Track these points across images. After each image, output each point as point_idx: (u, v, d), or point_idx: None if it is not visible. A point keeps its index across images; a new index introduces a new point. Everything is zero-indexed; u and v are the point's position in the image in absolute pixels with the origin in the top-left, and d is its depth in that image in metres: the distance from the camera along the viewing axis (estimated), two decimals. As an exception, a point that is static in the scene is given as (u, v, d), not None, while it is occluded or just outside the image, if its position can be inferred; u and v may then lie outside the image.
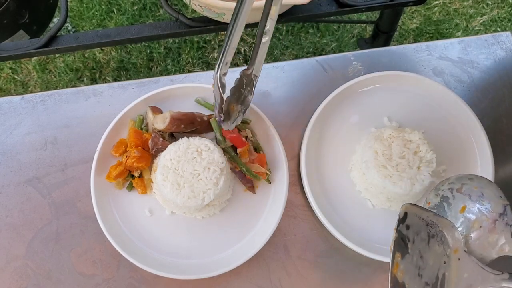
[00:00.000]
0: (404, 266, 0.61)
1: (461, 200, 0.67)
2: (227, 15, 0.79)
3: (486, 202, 0.66)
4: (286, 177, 0.79)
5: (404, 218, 0.62)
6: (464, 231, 0.66)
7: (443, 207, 0.68)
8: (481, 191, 0.66)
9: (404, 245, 0.62)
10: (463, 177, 0.68)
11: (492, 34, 0.93)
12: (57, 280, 0.78)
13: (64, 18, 0.86)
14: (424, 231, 0.63)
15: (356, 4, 0.90)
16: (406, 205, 0.62)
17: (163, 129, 0.78)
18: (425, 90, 0.86)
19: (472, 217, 0.66)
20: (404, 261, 0.61)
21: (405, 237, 0.62)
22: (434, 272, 0.62)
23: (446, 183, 0.69)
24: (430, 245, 0.63)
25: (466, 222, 0.66)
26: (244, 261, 0.76)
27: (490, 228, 0.65)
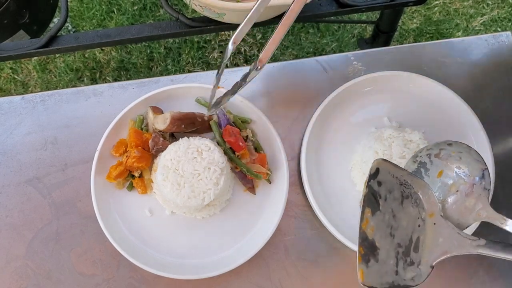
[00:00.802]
0: (374, 223, 0.58)
1: (439, 165, 0.65)
2: (227, 15, 0.79)
3: (464, 166, 0.64)
4: (286, 177, 0.79)
5: (376, 173, 0.59)
6: (441, 196, 0.64)
7: (420, 172, 0.67)
8: (459, 155, 0.64)
9: (375, 201, 0.59)
10: (441, 143, 0.67)
11: (492, 34, 0.93)
12: (57, 280, 0.78)
13: (64, 18, 0.86)
14: (398, 190, 0.61)
15: (356, 4, 0.90)
16: (378, 161, 0.59)
17: (164, 130, 0.78)
18: (425, 90, 0.86)
19: (449, 181, 0.64)
20: (375, 218, 0.59)
21: (376, 193, 0.59)
22: (407, 234, 0.60)
23: (425, 149, 0.68)
24: (404, 205, 0.61)
25: (443, 186, 0.64)
26: (244, 261, 0.76)
27: (468, 192, 0.63)
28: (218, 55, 1.76)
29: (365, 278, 0.56)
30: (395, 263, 0.59)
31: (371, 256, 0.57)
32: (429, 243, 0.60)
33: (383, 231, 0.59)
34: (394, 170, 0.60)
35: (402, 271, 0.59)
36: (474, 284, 0.81)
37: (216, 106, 0.73)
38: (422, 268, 0.59)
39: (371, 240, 0.58)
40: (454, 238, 0.59)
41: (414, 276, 0.59)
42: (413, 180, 0.61)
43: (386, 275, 0.58)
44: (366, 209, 0.58)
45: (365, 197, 0.58)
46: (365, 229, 0.58)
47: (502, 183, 0.84)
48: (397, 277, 0.58)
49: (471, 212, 0.62)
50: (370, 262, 0.57)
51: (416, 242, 0.60)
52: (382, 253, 0.58)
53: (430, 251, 0.60)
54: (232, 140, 0.77)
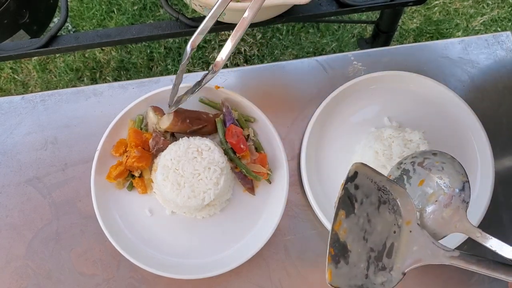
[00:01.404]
0: (347, 225, 0.58)
1: (421, 174, 0.66)
2: (227, 15, 0.79)
3: (446, 177, 0.64)
4: (286, 177, 0.79)
5: (353, 177, 0.59)
6: (420, 205, 0.65)
7: (403, 179, 0.67)
8: (442, 166, 0.64)
9: (350, 204, 0.59)
10: (427, 152, 0.67)
11: (492, 34, 0.93)
12: (57, 280, 0.78)
13: (64, 18, 0.86)
14: (375, 195, 0.61)
15: (356, 4, 0.90)
16: (357, 164, 0.59)
17: (169, 126, 0.77)
18: (425, 90, 0.86)
19: (430, 190, 0.64)
20: (348, 220, 0.58)
21: (352, 196, 0.59)
22: (381, 240, 0.60)
23: (410, 157, 0.68)
24: (380, 210, 0.61)
25: (423, 195, 0.65)
26: (244, 261, 0.76)
27: (446, 203, 0.63)
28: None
29: (333, 279, 0.56)
30: (365, 267, 0.59)
31: (342, 258, 0.57)
32: (403, 250, 0.60)
33: (356, 235, 0.59)
34: (373, 175, 0.60)
35: (373, 275, 0.59)
36: (473, 284, 0.81)
37: (176, 105, 0.74)
38: (394, 274, 0.60)
39: (342, 242, 0.58)
40: (428, 247, 0.59)
41: (384, 281, 0.59)
42: (392, 186, 0.61)
43: (355, 278, 0.58)
44: (340, 211, 0.58)
45: (340, 199, 0.58)
46: (337, 231, 0.58)
47: (502, 183, 0.84)
48: (366, 280, 0.58)
49: (448, 223, 0.62)
50: (340, 263, 0.57)
51: (390, 248, 0.60)
52: (353, 256, 0.58)
53: (404, 258, 0.60)
54: (234, 141, 0.77)
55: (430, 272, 0.81)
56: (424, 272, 0.81)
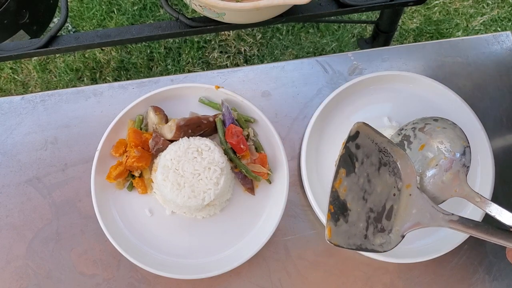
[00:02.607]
0: (348, 184, 0.58)
1: (422, 139, 0.66)
2: (227, 15, 0.79)
3: (447, 141, 0.64)
4: (286, 177, 0.79)
5: (355, 136, 0.59)
6: (420, 169, 0.64)
7: (403, 145, 0.67)
8: (443, 131, 0.65)
9: (351, 163, 0.59)
10: (428, 118, 0.67)
11: (492, 34, 0.93)
12: (58, 280, 0.78)
13: (64, 18, 0.86)
14: (376, 157, 0.60)
15: (356, 4, 0.90)
16: (359, 124, 0.59)
17: (172, 138, 0.78)
18: (425, 90, 0.86)
19: (430, 155, 0.64)
20: (349, 179, 0.58)
21: (353, 155, 0.59)
22: (381, 201, 0.60)
23: (410, 123, 0.68)
24: (381, 172, 0.61)
25: (423, 159, 0.65)
26: (244, 261, 0.76)
27: (447, 167, 0.63)
28: (218, 55, 1.76)
29: (333, 236, 0.56)
30: (365, 227, 0.59)
31: (341, 216, 0.57)
32: (402, 213, 0.60)
33: (355, 194, 0.59)
34: (374, 135, 0.60)
35: (372, 236, 0.59)
36: (474, 284, 0.81)
37: None
38: (392, 236, 0.60)
39: (342, 200, 0.58)
40: (427, 210, 0.59)
41: (383, 243, 0.59)
42: (392, 148, 0.61)
43: (354, 237, 0.58)
44: (341, 169, 0.58)
45: (341, 158, 0.58)
46: (337, 188, 0.58)
47: (502, 183, 0.84)
48: (365, 240, 0.58)
49: (448, 187, 0.62)
50: (339, 221, 0.57)
51: (389, 210, 0.60)
52: (353, 215, 0.58)
53: (403, 221, 0.60)
54: (234, 142, 0.77)
55: (430, 272, 0.81)
56: (424, 271, 0.81)
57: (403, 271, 0.81)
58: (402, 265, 0.81)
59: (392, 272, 0.81)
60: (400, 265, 0.81)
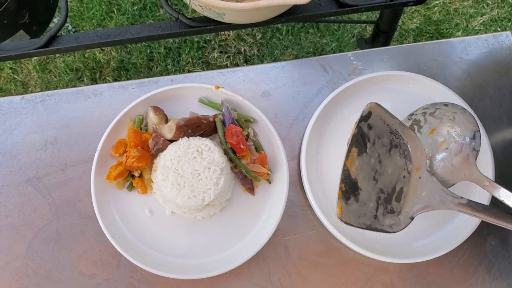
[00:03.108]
0: (359, 163, 0.59)
1: (432, 123, 0.66)
2: (227, 15, 0.79)
3: (457, 126, 0.64)
4: (286, 177, 0.79)
5: (367, 116, 0.59)
6: (430, 153, 0.65)
7: (414, 129, 0.67)
8: (454, 115, 0.65)
9: (363, 143, 0.59)
10: (438, 103, 0.67)
11: (492, 34, 0.93)
12: (58, 280, 0.78)
13: (64, 18, 0.86)
14: (387, 138, 0.61)
15: (356, 4, 0.90)
16: (371, 104, 0.59)
17: (172, 138, 0.78)
18: (425, 90, 0.86)
19: (440, 139, 0.65)
20: (360, 158, 0.59)
21: (365, 135, 0.59)
22: (391, 182, 0.60)
23: (421, 108, 0.68)
24: (392, 154, 0.61)
25: (434, 143, 0.65)
26: (244, 261, 0.76)
27: (456, 151, 0.63)
28: (218, 55, 1.76)
29: (343, 214, 0.56)
30: (375, 207, 0.59)
31: (352, 195, 0.58)
32: (412, 195, 0.60)
33: (366, 173, 0.59)
34: (386, 116, 0.60)
35: (381, 216, 0.59)
36: (474, 283, 0.81)
37: None
38: (402, 218, 0.60)
39: (353, 179, 0.58)
40: (437, 193, 0.59)
41: (392, 224, 0.59)
42: (404, 130, 0.61)
43: (364, 217, 0.58)
44: (353, 148, 0.58)
45: (354, 137, 0.58)
46: (349, 167, 0.58)
47: (502, 183, 0.83)
48: (375, 221, 0.59)
49: (457, 171, 0.62)
50: (350, 200, 0.57)
51: (399, 192, 0.61)
52: (363, 195, 0.58)
53: (412, 203, 0.60)
54: (233, 142, 0.77)
55: (430, 272, 0.81)
56: (424, 271, 0.81)
57: (403, 271, 0.81)
58: (402, 265, 0.81)
59: (392, 272, 0.81)
60: (400, 265, 0.81)
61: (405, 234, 0.79)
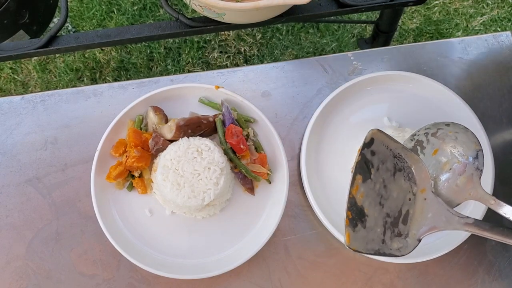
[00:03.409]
0: (364, 190, 0.59)
1: (435, 144, 0.66)
2: (227, 15, 0.79)
3: (459, 146, 0.65)
4: (286, 177, 0.79)
5: (370, 143, 0.59)
6: (434, 173, 0.65)
7: (417, 150, 0.68)
8: (456, 135, 0.65)
9: (367, 170, 0.60)
10: (440, 123, 0.68)
11: (492, 34, 0.93)
12: (57, 280, 0.78)
13: (64, 18, 0.86)
14: (391, 162, 0.61)
15: (356, 4, 0.90)
16: (373, 131, 0.59)
17: (172, 138, 0.78)
18: (425, 90, 0.86)
19: (444, 159, 0.65)
20: (365, 185, 0.59)
21: (369, 162, 0.60)
22: (397, 206, 0.61)
23: (423, 129, 0.69)
24: (396, 177, 0.61)
25: (437, 164, 0.65)
26: (244, 261, 0.76)
27: (460, 171, 0.64)
28: (218, 55, 1.76)
29: (351, 242, 0.57)
30: (382, 232, 0.59)
31: (359, 222, 0.58)
32: (418, 217, 0.61)
33: (372, 199, 0.59)
34: (389, 142, 0.61)
35: (389, 240, 0.59)
36: (474, 283, 0.81)
37: None
38: (409, 241, 0.60)
39: (360, 206, 0.59)
40: (443, 214, 0.60)
41: (400, 247, 0.60)
42: (407, 154, 0.62)
43: (372, 242, 0.58)
44: (358, 176, 0.59)
45: (357, 164, 0.58)
46: (354, 195, 0.58)
47: (502, 183, 0.84)
48: (383, 245, 0.59)
49: (462, 190, 0.63)
50: (357, 227, 0.58)
51: (405, 215, 0.61)
52: (370, 221, 0.59)
53: (419, 225, 0.60)
54: (233, 142, 0.77)
55: (430, 272, 0.81)
56: (424, 271, 0.81)
57: (403, 271, 0.81)
58: (402, 265, 0.81)
59: (392, 272, 0.81)
60: (400, 265, 0.81)
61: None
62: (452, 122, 0.66)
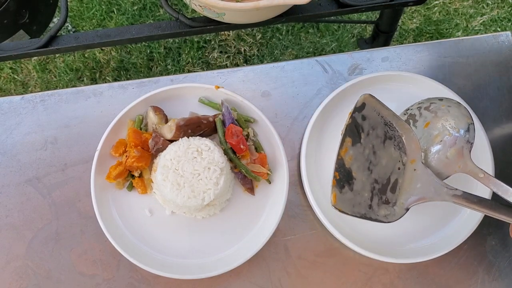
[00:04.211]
0: (353, 153, 0.59)
1: (427, 117, 0.67)
2: (227, 15, 0.79)
3: (451, 119, 0.65)
4: (286, 177, 0.79)
5: (361, 107, 0.59)
6: (425, 145, 0.65)
7: (409, 123, 0.68)
8: (448, 109, 0.65)
9: (357, 133, 0.59)
10: (433, 98, 0.68)
11: (492, 34, 0.93)
12: (57, 280, 0.78)
13: (64, 18, 0.86)
14: (381, 129, 0.61)
15: (356, 4, 0.90)
16: (365, 95, 0.59)
17: (172, 138, 0.78)
18: (425, 90, 0.86)
19: (435, 132, 0.65)
20: (354, 148, 0.59)
21: (359, 126, 0.60)
22: (386, 173, 0.61)
23: (416, 103, 0.69)
24: (386, 145, 0.61)
25: (428, 136, 0.65)
26: (244, 261, 0.76)
27: (451, 143, 0.64)
28: (218, 55, 1.76)
29: (338, 202, 0.57)
30: (369, 197, 0.59)
31: (346, 184, 0.58)
32: (407, 187, 0.61)
33: (361, 163, 0.59)
34: (380, 108, 0.61)
35: (376, 206, 0.59)
36: (474, 283, 0.81)
37: None
38: (397, 209, 0.60)
39: (348, 168, 0.59)
40: (432, 185, 0.60)
41: (387, 214, 0.60)
42: (398, 122, 0.61)
43: (359, 206, 0.58)
44: (347, 138, 0.59)
45: (347, 127, 0.58)
46: (343, 156, 0.58)
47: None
48: (370, 210, 0.59)
49: (452, 163, 0.63)
50: (344, 188, 0.58)
51: (394, 184, 0.61)
52: (358, 184, 0.59)
53: (407, 194, 0.60)
54: (233, 142, 0.77)
55: (430, 272, 0.81)
56: (424, 271, 0.81)
57: (403, 271, 0.81)
58: (402, 265, 0.81)
59: (392, 272, 0.81)
60: (400, 265, 0.81)
61: (405, 234, 0.80)
62: (445, 97, 0.66)
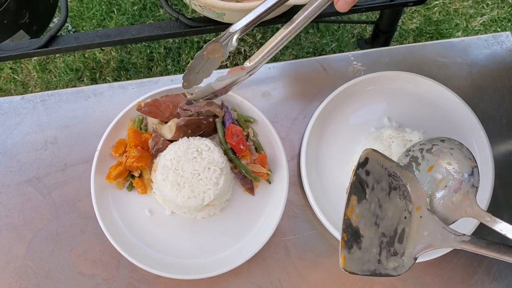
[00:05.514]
0: (359, 211, 0.59)
1: (430, 160, 0.66)
2: (227, 15, 0.79)
3: (454, 162, 0.64)
4: (286, 177, 0.79)
5: (364, 163, 0.59)
6: (429, 191, 0.65)
7: (412, 166, 0.67)
8: (451, 152, 0.65)
9: (362, 190, 0.59)
10: (435, 139, 0.67)
11: (492, 34, 0.93)
12: (57, 280, 0.78)
13: (64, 18, 0.86)
14: (386, 181, 0.61)
15: (356, 4, 0.90)
16: (368, 150, 0.59)
17: (172, 138, 0.78)
18: (425, 90, 0.86)
19: (439, 176, 0.65)
20: (360, 205, 0.59)
21: (364, 182, 0.59)
22: (393, 225, 0.60)
23: (418, 144, 0.68)
24: (391, 196, 0.61)
25: (432, 181, 0.65)
26: (244, 261, 0.76)
27: (456, 188, 0.63)
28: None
29: (347, 264, 0.56)
30: (378, 252, 0.59)
31: (354, 243, 0.58)
32: (414, 235, 0.60)
33: (368, 219, 0.59)
34: (383, 161, 0.61)
35: (385, 260, 0.59)
36: (474, 284, 0.81)
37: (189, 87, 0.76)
38: (405, 259, 0.60)
39: (355, 227, 0.58)
40: (439, 232, 0.59)
41: (396, 266, 0.59)
42: (402, 172, 0.61)
43: (368, 263, 0.58)
44: (352, 197, 0.58)
45: (352, 185, 0.58)
46: (349, 216, 0.58)
47: (502, 183, 0.84)
48: (379, 265, 0.59)
49: (457, 208, 0.62)
50: (353, 248, 0.57)
51: (401, 234, 0.61)
52: (366, 241, 0.58)
53: (415, 243, 0.60)
54: (233, 142, 0.77)
55: (430, 272, 0.81)
56: (424, 272, 0.81)
57: (403, 271, 0.81)
58: (402, 265, 0.81)
59: (392, 272, 0.81)
60: (400, 265, 0.81)
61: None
62: (447, 138, 0.66)
